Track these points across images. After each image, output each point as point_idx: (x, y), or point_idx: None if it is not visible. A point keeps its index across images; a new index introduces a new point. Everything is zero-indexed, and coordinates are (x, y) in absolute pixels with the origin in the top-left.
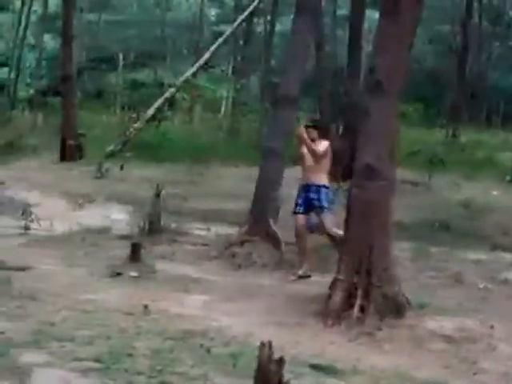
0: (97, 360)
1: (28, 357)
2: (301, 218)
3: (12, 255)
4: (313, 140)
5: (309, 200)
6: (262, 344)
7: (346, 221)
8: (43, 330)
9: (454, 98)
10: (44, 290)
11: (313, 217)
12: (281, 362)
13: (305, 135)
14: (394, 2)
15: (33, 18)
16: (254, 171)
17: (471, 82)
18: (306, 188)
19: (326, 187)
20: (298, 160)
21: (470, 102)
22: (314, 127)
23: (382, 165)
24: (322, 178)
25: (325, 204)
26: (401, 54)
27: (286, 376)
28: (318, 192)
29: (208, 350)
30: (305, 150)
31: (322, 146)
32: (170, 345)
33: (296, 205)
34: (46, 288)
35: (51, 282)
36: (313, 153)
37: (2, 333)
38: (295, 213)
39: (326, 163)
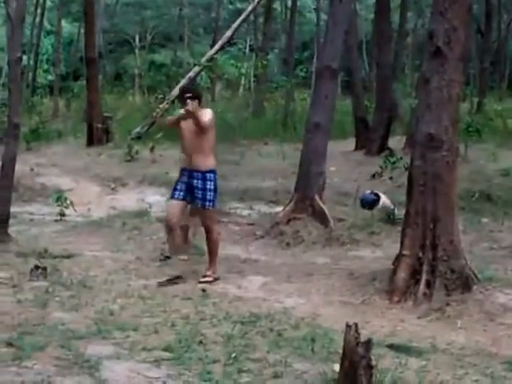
0: (166, 349)
1: (94, 349)
2: (175, 205)
3: (53, 243)
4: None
5: (192, 187)
6: (348, 326)
7: (408, 193)
8: (103, 319)
9: (477, 67)
10: (94, 278)
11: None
12: (368, 344)
13: (187, 107)
14: None
15: (49, 3)
16: (286, 148)
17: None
18: (189, 174)
19: (214, 172)
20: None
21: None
22: (193, 96)
23: (445, 134)
24: (209, 160)
25: (210, 197)
26: (460, 17)
27: None
28: (204, 180)
29: (280, 334)
30: (183, 124)
31: (207, 114)
32: (240, 329)
33: (174, 189)
34: (96, 275)
35: (100, 269)
36: (199, 125)
37: (62, 324)
38: (171, 198)
39: (212, 138)
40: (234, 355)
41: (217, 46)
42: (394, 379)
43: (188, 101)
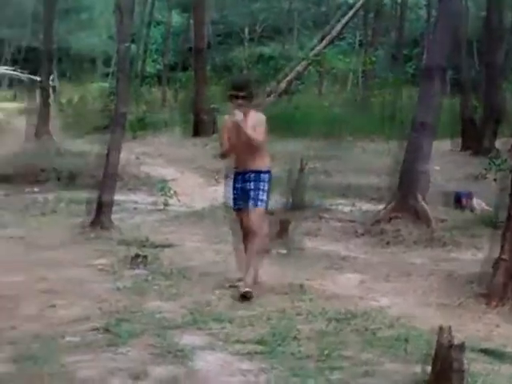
0: (260, 342)
1: (188, 338)
2: (239, 215)
3: (155, 232)
4: (244, 115)
5: (246, 191)
6: (441, 328)
7: (510, 195)
8: (199, 310)
9: None
10: (194, 268)
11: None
12: (461, 347)
13: (236, 118)
14: None
15: None
16: (392, 145)
17: None
18: (243, 177)
19: (269, 173)
20: (224, 153)
21: None
22: (244, 96)
23: None
24: (264, 160)
25: (262, 197)
26: None
27: None
28: (258, 181)
29: (373, 333)
30: (234, 122)
31: (261, 124)
32: (334, 327)
33: (233, 199)
34: (195, 266)
35: (199, 260)
36: (251, 141)
37: (159, 313)
38: (235, 209)
39: (266, 135)
40: (326, 352)
41: (326, 41)
42: None
43: (239, 101)
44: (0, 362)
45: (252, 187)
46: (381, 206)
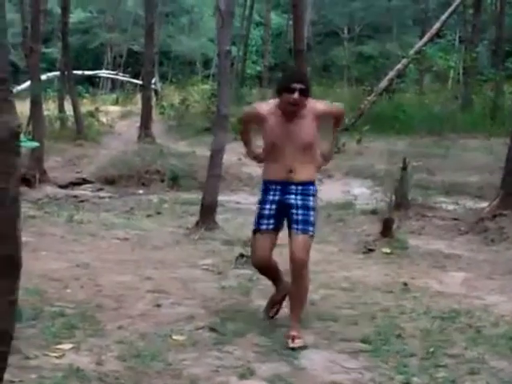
0: (364, 341)
1: None
2: (265, 240)
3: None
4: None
5: (286, 207)
6: None
7: None
8: (306, 309)
9: None
10: None
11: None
12: None
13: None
14: None
15: None
16: (494, 143)
17: None
18: (283, 189)
19: (315, 185)
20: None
21: None
22: (303, 90)
23: None
24: (312, 168)
25: (313, 219)
26: None
27: None
28: (305, 195)
29: (478, 331)
30: (278, 119)
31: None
32: (439, 325)
33: (260, 217)
34: None
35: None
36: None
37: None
38: (258, 230)
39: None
40: (431, 350)
41: (425, 38)
42: None
43: (295, 96)
44: (108, 361)
45: (299, 204)
46: (484, 204)
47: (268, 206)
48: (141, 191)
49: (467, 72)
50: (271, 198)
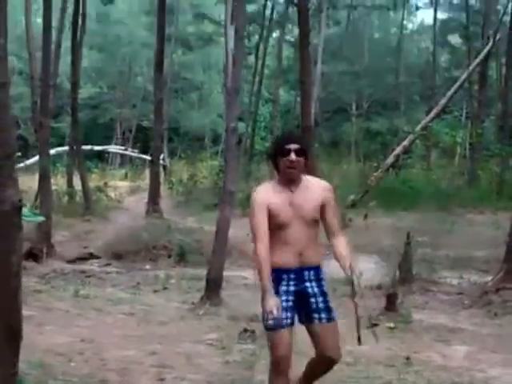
0: None
1: None
2: (285, 336)
3: None
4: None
5: (303, 296)
6: None
7: None
8: None
9: None
10: (302, 343)
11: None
12: None
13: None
14: None
15: (266, 71)
16: (501, 217)
17: None
18: (298, 276)
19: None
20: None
21: None
22: (302, 152)
23: None
24: (320, 250)
25: (330, 301)
26: None
27: None
28: (320, 280)
29: None
30: (284, 202)
31: (329, 204)
32: None
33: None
34: (303, 340)
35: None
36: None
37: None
38: (279, 326)
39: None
40: None
41: (431, 114)
42: None
43: (293, 157)
44: None
45: (316, 292)
46: (489, 278)
47: (284, 298)
48: (148, 266)
49: (473, 148)
50: (285, 288)
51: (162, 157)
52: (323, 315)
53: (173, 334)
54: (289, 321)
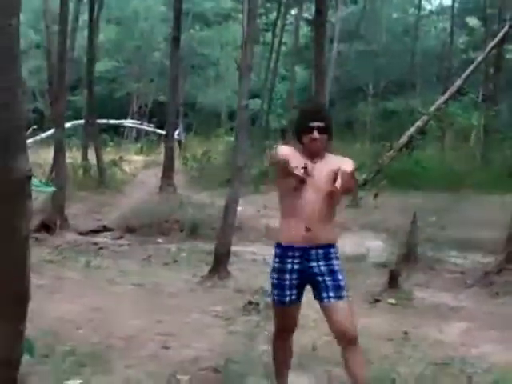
0: None
1: (294, 380)
2: (291, 314)
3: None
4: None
5: (310, 275)
6: None
7: None
8: (306, 353)
9: None
10: (307, 317)
11: None
12: None
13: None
14: None
15: (283, 49)
16: (508, 199)
17: None
18: (304, 254)
19: (335, 247)
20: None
21: None
22: (324, 128)
23: None
24: (334, 230)
25: (343, 282)
26: None
27: None
28: (329, 259)
29: (469, 377)
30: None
31: (349, 165)
32: (432, 370)
33: (281, 288)
34: (308, 315)
35: (312, 310)
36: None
37: (267, 356)
38: (282, 302)
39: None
40: None
41: (446, 95)
42: None
43: (316, 135)
44: None
45: (323, 270)
46: (493, 259)
47: (288, 276)
48: (160, 240)
49: (487, 130)
50: (290, 266)
51: (177, 132)
52: (331, 294)
53: (180, 305)
54: (293, 297)
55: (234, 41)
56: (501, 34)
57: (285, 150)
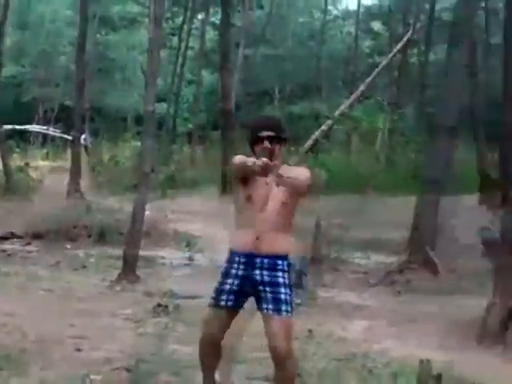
0: (267, 379)
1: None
2: (219, 318)
3: (179, 284)
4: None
5: (253, 284)
6: (421, 361)
7: (501, 247)
8: None
9: None
10: None
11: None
12: (439, 378)
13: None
14: None
15: (190, 53)
16: (412, 201)
17: None
18: (249, 261)
19: (289, 259)
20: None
21: None
22: (277, 137)
23: None
24: (287, 240)
25: (287, 298)
26: None
27: None
28: (276, 270)
29: (370, 371)
30: (251, 187)
31: (304, 173)
32: (335, 366)
33: (219, 291)
34: None
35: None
36: (295, 188)
37: (177, 354)
38: (216, 305)
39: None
40: None
41: (350, 99)
42: None
43: (267, 145)
44: None
45: (265, 280)
46: (395, 258)
47: (230, 281)
48: (68, 246)
49: (392, 133)
50: (234, 271)
51: (83, 137)
52: (270, 306)
53: (91, 309)
54: (229, 303)
55: (141, 45)
56: (405, 38)
57: (242, 157)
